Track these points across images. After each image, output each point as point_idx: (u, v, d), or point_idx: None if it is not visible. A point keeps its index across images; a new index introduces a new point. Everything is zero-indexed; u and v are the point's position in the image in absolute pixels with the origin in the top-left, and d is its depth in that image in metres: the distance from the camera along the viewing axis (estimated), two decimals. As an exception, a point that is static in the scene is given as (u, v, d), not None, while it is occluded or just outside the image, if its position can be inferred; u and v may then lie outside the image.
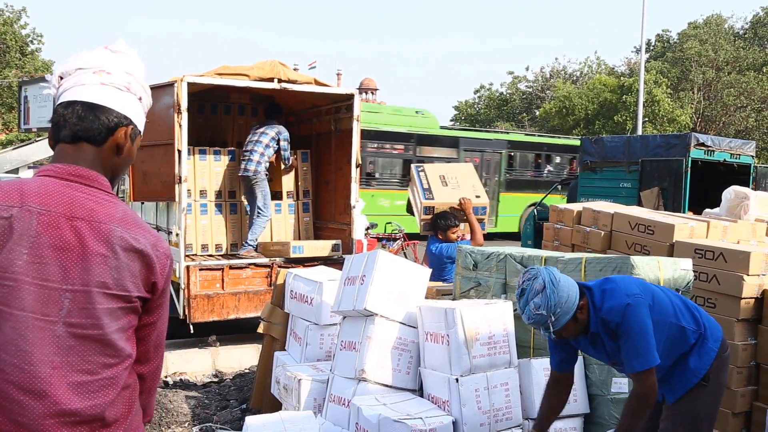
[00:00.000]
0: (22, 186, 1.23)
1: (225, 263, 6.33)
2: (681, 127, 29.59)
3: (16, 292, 1.18)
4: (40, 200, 1.21)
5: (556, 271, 2.54)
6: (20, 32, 27.74)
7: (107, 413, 1.24)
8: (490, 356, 3.13)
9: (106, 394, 1.24)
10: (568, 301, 2.48)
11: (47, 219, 1.20)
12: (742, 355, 4.08)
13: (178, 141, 6.02)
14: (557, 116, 34.18)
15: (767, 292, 4.12)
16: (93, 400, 1.22)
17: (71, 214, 1.22)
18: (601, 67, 40.53)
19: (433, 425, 2.89)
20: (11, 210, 1.19)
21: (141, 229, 1.32)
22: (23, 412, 1.16)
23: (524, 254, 3.79)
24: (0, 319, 1.17)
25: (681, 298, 2.89)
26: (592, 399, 3.32)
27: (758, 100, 31.14)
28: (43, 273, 1.20)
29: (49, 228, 1.20)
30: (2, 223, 1.18)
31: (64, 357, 1.20)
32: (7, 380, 1.16)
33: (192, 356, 6.26)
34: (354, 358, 3.25)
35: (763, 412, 4.07)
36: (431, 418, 2.92)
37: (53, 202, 1.22)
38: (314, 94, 6.93)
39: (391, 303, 3.29)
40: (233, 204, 7.14)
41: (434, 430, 2.88)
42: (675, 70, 32.83)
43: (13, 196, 1.20)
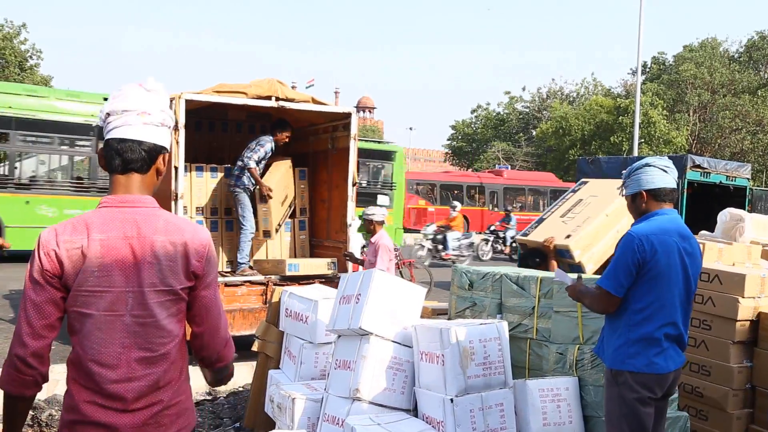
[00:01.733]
0: (87, 220, 1.65)
1: (220, 280, 6.32)
2: (677, 148, 29.84)
3: (92, 299, 1.61)
4: (101, 229, 1.63)
5: (658, 168, 2.92)
6: (20, 47, 27.93)
7: (161, 379, 1.68)
8: (486, 377, 3.13)
9: (161, 364, 1.68)
10: (645, 182, 2.90)
11: (107, 242, 1.63)
12: (738, 378, 4.09)
13: (175, 158, 6.03)
14: (554, 136, 34.43)
15: (763, 314, 4.13)
16: (151, 369, 1.66)
17: (124, 235, 1.64)
18: (597, 88, 40.96)
19: None
20: (82, 241, 1.61)
21: (178, 230, 1.70)
22: (100, 380, 1.61)
23: (520, 274, 3.81)
24: (81, 319, 1.63)
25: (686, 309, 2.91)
26: (587, 420, 3.32)
27: (753, 122, 31.46)
28: (111, 282, 1.62)
29: (109, 249, 1.62)
30: (77, 252, 1.61)
31: (131, 339, 1.64)
32: (89, 359, 1.62)
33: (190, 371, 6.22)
34: (348, 377, 3.24)
35: (759, 436, 4.06)
36: None
37: (110, 229, 1.64)
38: (312, 113, 6.96)
39: (386, 322, 3.29)
40: (229, 221, 7.13)
41: (428, 450, 2.87)
42: (671, 92, 33.18)
43: (81, 230, 1.62)
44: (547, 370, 3.51)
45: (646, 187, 2.91)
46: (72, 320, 1.64)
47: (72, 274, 1.60)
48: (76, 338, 1.65)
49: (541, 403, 3.21)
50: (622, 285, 2.77)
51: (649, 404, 2.81)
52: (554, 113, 36.39)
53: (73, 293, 1.61)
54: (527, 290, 3.69)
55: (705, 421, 4.14)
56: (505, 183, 27.76)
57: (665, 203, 2.93)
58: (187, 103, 6.09)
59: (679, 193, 9.23)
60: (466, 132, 47.03)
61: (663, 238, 2.81)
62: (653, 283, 2.78)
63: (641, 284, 2.78)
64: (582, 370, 3.39)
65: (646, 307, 2.78)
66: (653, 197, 2.91)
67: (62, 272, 1.60)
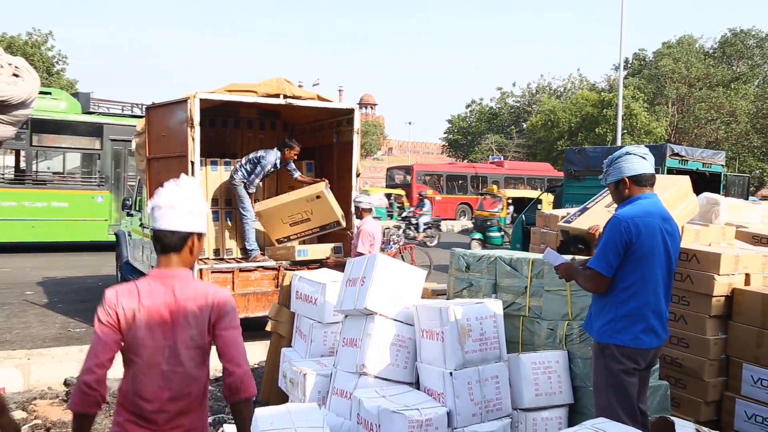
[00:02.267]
0: (138, 288, 1.98)
1: (235, 266, 6.33)
2: (657, 138, 29.69)
3: (139, 349, 1.95)
4: (147, 297, 1.97)
5: (638, 156, 2.91)
6: (47, 54, 27.98)
7: (184, 410, 2.00)
8: (482, 351, 3.14)
9: (186, 400, 2.00)
10: (627, 169, 2.87)
11: (151, 308, 1.96)
12: (714, 349, 4.09)
13: (191, 153, 6.02)
14: (543, 129, 34.29)
15: (736, 290, 4.13)
16: (178, 404, 1.99)
17: (164, 302, 1.97)
18: (583, 83, 40.72)
19: (429, 416, 2.89)
20: (134, 305, 1.95)
21: (205, 294, 2.01)
22: (140, 410, 1.96)
23: (513, 256, 3.80)
24: (131, 362, 1.98)
25: (668, 285, 2.90)
26: (576, 390, 3.33)
27: (727, 113, 31.31)
28: (153, 338, 1.95)
29: (153, 313, 1.95)
30: (129, 313, 1.94)
31: (165, 383, 1.97)
32: (133, 393, 1.97)
33: (204, 353, 6.24)
34: (355, 354, 3.26)
35: (733, 401, 4.08)
36: (427, 409, 2.93)
37: (153, 297, 1.97)
38: (317, 109, 6.94)
39: (390, 302, 3.30)
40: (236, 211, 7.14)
41: (430, 420, 2.89)
42: (651, 86, 32.97)
43: (134, 296, 1.96)
44: (538, 345, 3.52)
45: (628, 174, 2.89)
46: (125, 360, 2.00)
47: (126, 329, 1.95)
48: (126, 374, 2.01)
49: (534, 375, 3.22)
50: (611, 265, 2.77)
51: (633, 375, 2.82)
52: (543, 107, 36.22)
53: (126, 342, 1.96)
54: (520, 271, 3.69)
55: (684, 389, 4.16)
56: (505, 173, 27.80)
57: (646, 188, 2.92)
58: (201, 102, 6.06)
59: (660, 180, 9.19)
60: (462, 125, 46.84)
61: (647, 221, 2.80)
62: (638, 262, 2.77)
63: (627, 264, 2.78)
64: (571, 344, 3.39)
65: (631, 285, 2.78)
66: (635, 183, 2.90)
67: (119, 325, 1.95)
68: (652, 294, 2.80)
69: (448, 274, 4.24)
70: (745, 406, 4.03)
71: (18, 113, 2.24)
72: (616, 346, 2.79)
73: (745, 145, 32.18)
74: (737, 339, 4.09)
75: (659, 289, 2.82)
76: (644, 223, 2.78)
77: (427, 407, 2.95)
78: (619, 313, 2.79)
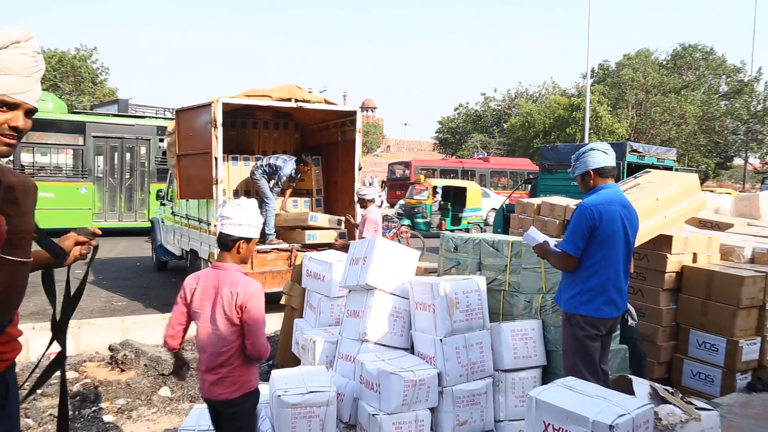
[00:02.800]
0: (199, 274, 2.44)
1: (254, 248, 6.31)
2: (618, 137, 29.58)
3: (197, 316, 2.40)
4: (204, 280, 2.40)
5: (600, 151, 2.87)
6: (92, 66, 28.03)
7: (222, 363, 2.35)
8: (468, 321, 3.13)
9: (222, 357, 2.34)
10: (591, 162, 2.86)
11: (203, 287, 2.38)
12: (666, 317, 4.11)
13: (214, 150, 5.98)
14: (521, 129, 34.15)
15: (685, 267, 4.13)
16: (218, 359, 2.34)
17: (211, 284, 2.37)
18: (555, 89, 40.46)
19: (422, 376, 2.89)
20: (194, 286, 2.41)
21: (236, 284, 2.33)
22: (200, 360, 2.41)
23: (495, 239, 3.78)
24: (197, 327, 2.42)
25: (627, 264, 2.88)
26: (548, 354, 3.32)
27: (678, 116, 31.22)
28: (203, 309, 2.37)
29: (204, 292, 2.38)
30: (192, 289, 2.40)
31: (209, 341, 2.35)
32: (198, 348, 2.43)
33: (228, 323, 6.24)
34: (358, 323, 3.24)
35: (681, 361, 4.10)
36: (420, 371, 2.92)
37: (206, 280, 2.39)
38: (324, 111, 6.89)
39: (388, 279, 3.27)
40: (260, 201, 7.12)
41: (423, 380, 2.88)
42: (613, 92, 32.79)
43: (196, 280, 2.41)
44: (516, 315, 3.51)
45: (593, 167, 2.88)
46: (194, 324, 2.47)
47: (189, 302, 2.41)
48: None
49: (512, 341, 3.21)
50: (578, 247, 2.76)
51: (596, 340, 2.81)
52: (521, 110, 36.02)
53: (190, 311, 2.42)
54: (501, 252, 3.67)
55: (641, 353, 4.17)
56: (491, 167, 27.84)
57: (608, 179, 2.90)
58: (223, 105, 6.01)
59: (622, 173, 9.18)
60: (450, 126, 46.61)
61: (608, 208, 2.78)
62: (601, 244, 2.76)
63: (591, 245, 2.77)
64: (545, 314, 3.39)
65: (595, 264, 2.77)
66: (599, 174, 2.88)
67: (186, 300, 2.42)
68: (613, 271, 2.79)
69: (438, 255, 4.22)
70: (691, 365, 4.05)
71: None
72: (581, 316, 2.78)
73: (693, 143, 32.09)
74: (685, 309, 4.10)
75: (619, 267, 2.81)
76: (606, 210, 2.76)
77: (420, 369, 2.94)
78: (584, 287, 2.78)
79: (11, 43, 1.38)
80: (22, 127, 1.43)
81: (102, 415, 4.05)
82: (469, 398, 3.04)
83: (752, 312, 3.94)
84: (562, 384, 2.17)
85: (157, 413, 4.09)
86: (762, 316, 3.98)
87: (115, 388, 4.33)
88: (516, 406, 3.17)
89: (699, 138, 32.05)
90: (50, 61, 26.27)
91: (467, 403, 3.03)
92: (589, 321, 2.78)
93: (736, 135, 33.70)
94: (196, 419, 3.20)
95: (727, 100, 33.74)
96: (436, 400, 2.95)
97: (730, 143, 34.01)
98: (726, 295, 3.89)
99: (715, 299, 3.94)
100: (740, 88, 33.14)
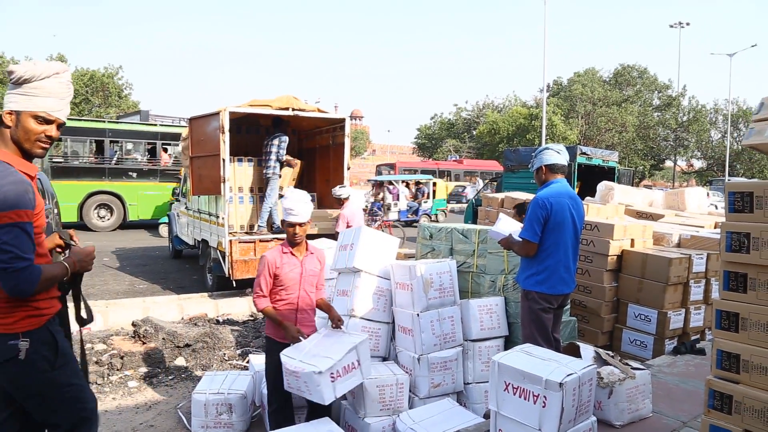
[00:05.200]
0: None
1: (256, 238, 6.22)
2: (570, 142, 29.83)
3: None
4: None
5: (556, 150, 2.90)
6: (118, 82, 27.81)
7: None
8: (441, 298, 3.12)
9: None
10: (545, 159, 2.90)
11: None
12: (609, 293, 4.15)
13: (222, 153, 5.88)
14: (488, 135, 34.25)
15: (625, 251, 4.18)
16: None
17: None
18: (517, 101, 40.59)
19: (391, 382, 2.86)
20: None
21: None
22: None
23: (465, 228, 3.78)
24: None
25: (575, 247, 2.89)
26: (510, 326, 3.34)
27: (619, 125, 31.62)
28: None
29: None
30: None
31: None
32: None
33: (235, 302, 6.18)
34: (346, 301, 3.22)
35: (621, 331, 4.15)
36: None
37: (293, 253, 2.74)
38: (318, 119, 6.82)
39: (372, 263, 3.25)
40: (261, 196, 6.97)
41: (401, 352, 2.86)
42: (566, 104, 33.03)
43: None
44: (483, 293, 3.52)
45: (546, 163, 2.90)
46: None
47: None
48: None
49: (479, 314, 3.22)
50: (536, 233, 2.77)
51: (548, 312, 2.83)
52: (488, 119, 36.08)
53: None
54: (470, 239, 3.67)
55: (587, 323, 4.22)
56: (464, 168, 28.00)
57: (558, 174, 2.92)
58: (230, 114, 5.92)
59: (574, 172, 9.26)
60: (427, 132, 46.50)
61: (558, 199, 2.80)
62: (552, 231, 2.78)
63: (544, 232, 2.78)
64: (507, 292, 3.39)
65: (547, 248, 2.79)
66: (550, 170, 2.90)
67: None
68: (563, 254, 2.81)
69: (416, 242, 4.21)
70: (629, 333, 4.11)
71: None
72: (537, 293, 2.80)
73: (632, 148, 32.54)
74: (624, 286, 4.15)
75: (569, 251, 2.83)
76: (556, 201, 2.79)
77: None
78: (539, 268, 2.80)
79: (53, 74, 1.63)
80: (54, 137, 1.67)
81: (127, 381, 3.98)
82: (442, 364, 3.04)
83: (678, 288, 4.01)
84: (520, 350, 2.18)
85: (173, 380, 4.05)
86: (686, 291, 4.05)
87: (137, 358, 4.26)
88: (482, 371, 3.18)
89: (637, 143, 32.53)
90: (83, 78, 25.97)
91: (440, 368, 3.03)
92: (543, 296, 2.79)
93: (666, 141, 34.29)
94: (207, 384, 3.15)
95: (659, 111, 34.28)
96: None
97: (662, 148, 34.61)
98: (657, 274, 3.95)
99: (649, 278, 3.99)
100: (669, 102, 33.71)
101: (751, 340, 1.70)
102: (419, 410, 2.76)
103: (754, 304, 1.70)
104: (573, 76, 35.51)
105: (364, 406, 2.76)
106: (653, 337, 3.95)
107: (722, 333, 1.76)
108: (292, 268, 2.65)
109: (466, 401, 3.12)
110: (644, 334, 4.00)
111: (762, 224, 1.68)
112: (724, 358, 1.75)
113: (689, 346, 3.60)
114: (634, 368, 2.57)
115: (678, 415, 2.57)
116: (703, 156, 34.77)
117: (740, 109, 32.92)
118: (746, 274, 1.71)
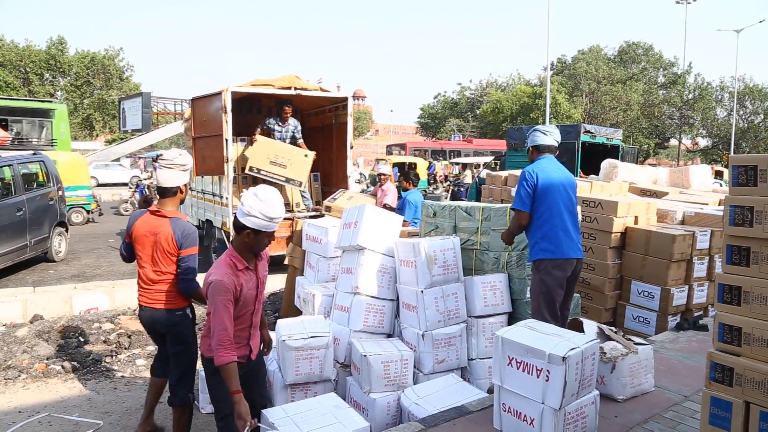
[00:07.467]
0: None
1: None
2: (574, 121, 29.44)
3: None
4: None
5: (543, 132, 3.03)
6: (119, 64, 27.58)
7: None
8: (444, 275, 3.12)
9: None
10: (532, 140, 3.07)
11: None
12: (612, 270, 4.15)
13: (225, 133, 5.84)
14: (491, 114, 33.84)
15: (628, 228, 4.16)
16: None
17: None
18: (520, 80, 39.92)
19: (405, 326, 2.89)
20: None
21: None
22: None
23: (468, 205, 3.75)
24: None
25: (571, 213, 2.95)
26: (513, 302, 3.34)
27: (624, 103, 31.13)
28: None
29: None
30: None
31: None
32: None
33: (241, 281, 6.20)
34: (351, 279, 3.23)
35: (624, 307, 4.17)
36: None
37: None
38: (320, 98, 6.74)
39: (376, 240, 3.24)
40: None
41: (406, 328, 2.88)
42: (570, 82, 32.49)
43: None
44: (486, 270, 3.52)
45: (533, 144, 3.06)
46: None
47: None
48: None
49: (483, 291, 3.23)
50: (525, 202, 2.88)
51: (561, 286, 2.87)
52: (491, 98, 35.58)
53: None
54: (473, 216, 3.65)
55: (591, 300, 4.23)
56: (474, 148, 27.81)
57: (545, 153, 3.04)
58: (232, 94, 5.85)
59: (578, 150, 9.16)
60: (430, 112, 45.97)
61: (542, 168, 2.93)
62: (542, 198, 2.87)
63: (535, 201, 2.88)
64: (510, 268, 3.39)
65: (542, 215, 2.87)
66: (537, 150, 3.05)
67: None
68: (558, 218, 2.87)
69: (420, 220, 4.19)
70: (632, 310, 4.12)
71: None
72: (546, 260, 2.85)
73: (637, 126, 32.09)
74: (628, 263, 4.14)
75: (564, 215, 2.89)
76: (540, 169, 2.91)
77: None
78: (539, 236, 2.88)
79: None
80: None
81: (135, 359, 4.05)
82: (446, 340, 3.06)
83: (682, 265, 4.00)
84: (524, 325, 2.18)
85: (181, 357, 4.09)
86: (689, 268, 4.04)
87: (144, 337, 4.32)
88: (486, 347, 3.20)
89: (641, 122, 32.07)
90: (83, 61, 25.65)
91: (445, 344, 3.05)
92: (553, 263, 2.84)
93: (671, 120, 33.75)
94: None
95: (664, 89, 33.65)
96: None
97: (666, 126, 34.10)
98: (661, 251, 3.93)
99: (652, 255, 3.98)
100: (674, 80, 33.06)
101: (753, 313, 1.70)
102: (423, 386, 2.80)
103: (757, 278, 1.69)
104: (577, 54, 34.81)
105: (370, 381, 2.80)
106: (656, 313, 3.96)
107: (725, 306, 1.75)
108: (250, 285, 2.10)
109: (470, 377, 3.15)
110: (647, 310, 4.01)
111: (766, 198, 1.65)
112: (726, 332, 1.75)
113: (692, 322, 3.61)
114: (636, 343, 2.58)
115: (680, 389, 2.60)
116: (708, 134, 34.24)
117: (746, 86, 32.21)
118: (749, 247, 1.69)
